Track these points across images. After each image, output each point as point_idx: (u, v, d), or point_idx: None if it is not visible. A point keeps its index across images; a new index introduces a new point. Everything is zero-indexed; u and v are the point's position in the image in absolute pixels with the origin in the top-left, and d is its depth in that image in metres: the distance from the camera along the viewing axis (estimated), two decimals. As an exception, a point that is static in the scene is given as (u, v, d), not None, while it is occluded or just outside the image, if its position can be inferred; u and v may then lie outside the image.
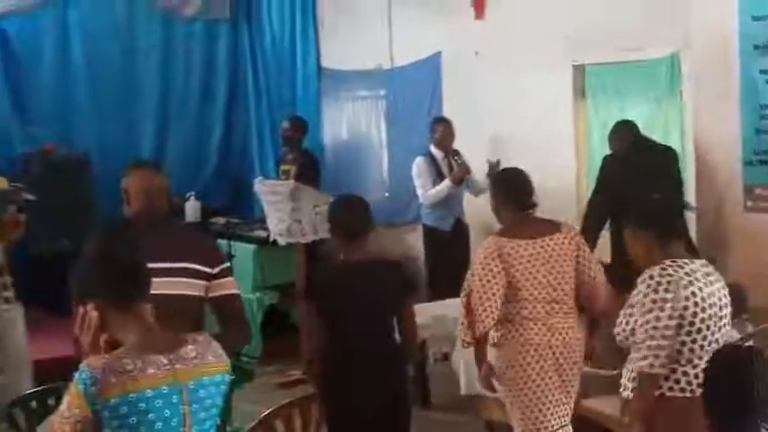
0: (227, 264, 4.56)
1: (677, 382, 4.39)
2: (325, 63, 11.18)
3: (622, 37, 8.14)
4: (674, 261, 4.42)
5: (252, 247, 9.34)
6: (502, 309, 5.22)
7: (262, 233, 9.32)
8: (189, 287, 4.37)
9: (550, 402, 5.26)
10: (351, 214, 5.18)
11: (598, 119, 8.59)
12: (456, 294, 5.56)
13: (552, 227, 5.38)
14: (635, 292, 4.44)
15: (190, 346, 3.23)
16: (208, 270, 4.43)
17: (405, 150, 9.88)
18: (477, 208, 8.81)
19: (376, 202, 8.64)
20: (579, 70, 8.68)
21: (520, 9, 8.97)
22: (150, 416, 3.08)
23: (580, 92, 8.74)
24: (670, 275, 4.34)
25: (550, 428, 5.28)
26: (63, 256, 8.76)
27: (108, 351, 3.22)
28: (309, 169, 9.70)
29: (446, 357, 7.75)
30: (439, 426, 7.28)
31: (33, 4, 10.59)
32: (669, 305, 4.29)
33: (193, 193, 10.75)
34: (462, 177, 8.74)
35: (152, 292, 3.32)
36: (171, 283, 4.18)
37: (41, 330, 8.89)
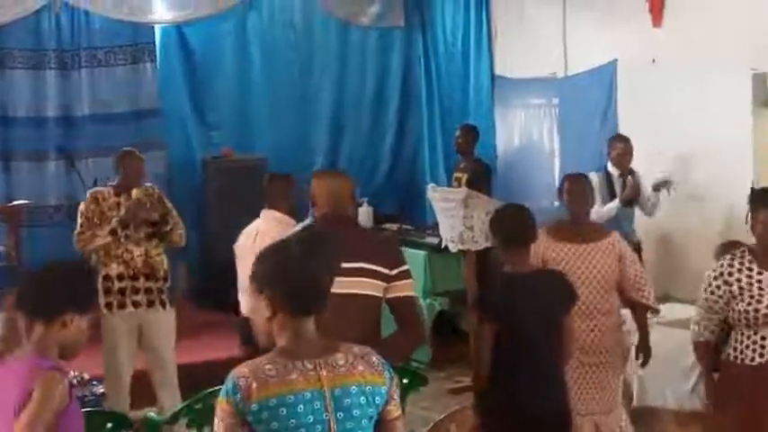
0: (406, 267, 4.59)
1: None
2: (499, 71, 11.14)
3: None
4: None
5: (423, 253, 9.38)
6: None
7: (433, 239, 9.36)
8: (366, 287, 4.45)
9: None
10: (515, 223, 5.24)
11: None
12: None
13: None
14: None
15: (339, 354, 3.15)
16: (386, 271, 4.49)
17: (576, 159, 9.75)
18: (652, 226, 8.72)
19: (546, 211, 8.60)
20: (760, 79, 8.41)
21: (698, 16, 8.72)
22: (292, 421, 3.03)
23: (761, 102, 8.46)
24: None
25: None
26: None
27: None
28: (481, 177, 9.70)
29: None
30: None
31: (214, 11, 10.84)
32: None
33: (366, 198, 10.86)
34: (631, 199, 8.51)
35: (332, 290, 3.21)
36: (349, 282, 4.21)
37: (216, 332, 9.17)
